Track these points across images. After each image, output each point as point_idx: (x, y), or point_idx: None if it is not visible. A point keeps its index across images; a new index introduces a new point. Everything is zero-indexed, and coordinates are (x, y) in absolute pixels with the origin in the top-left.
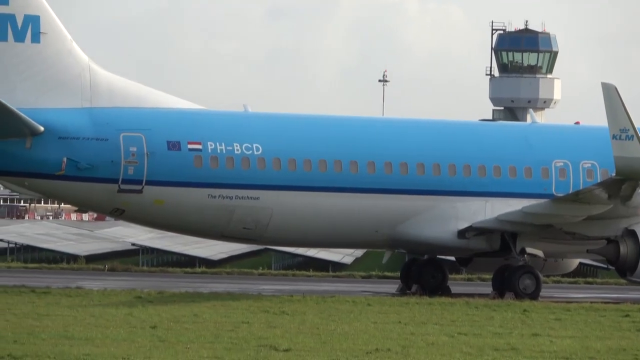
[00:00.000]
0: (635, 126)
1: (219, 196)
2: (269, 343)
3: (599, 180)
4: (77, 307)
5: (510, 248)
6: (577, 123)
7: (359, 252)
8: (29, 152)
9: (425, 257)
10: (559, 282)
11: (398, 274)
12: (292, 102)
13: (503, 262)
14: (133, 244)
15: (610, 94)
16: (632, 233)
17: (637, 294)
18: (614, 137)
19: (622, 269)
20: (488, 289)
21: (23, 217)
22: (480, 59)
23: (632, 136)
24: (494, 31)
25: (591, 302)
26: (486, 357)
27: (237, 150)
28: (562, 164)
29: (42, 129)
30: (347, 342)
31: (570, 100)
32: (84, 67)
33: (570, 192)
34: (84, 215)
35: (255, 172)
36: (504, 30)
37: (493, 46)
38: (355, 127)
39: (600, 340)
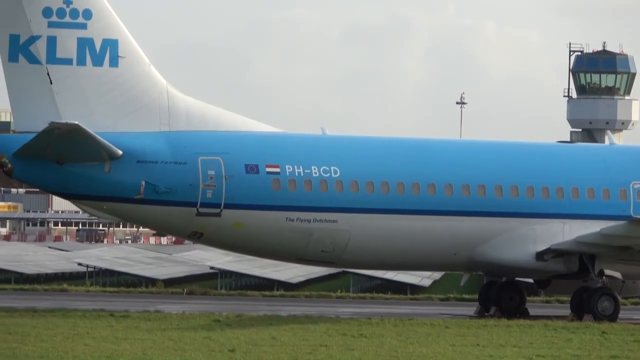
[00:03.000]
0: None
1: (296, 219)
2: None
3: None
4: (156, 330)
5: (588, 270)
6: None
7: (437, 275)
8: (108, 176)
9: (504, 279)
10: (637, 303)
11: (476, 296)
12: (370, 125)
13: (581, 284)
14: (211, 268)
15: None
16: None
17: None
18: None
19: None
20: (566, 311)
21: (102, 241)
22: (558, 81)
23: None
24: (571, 53)
25: None
26: None
27: (315, 173)
28: None
29: (120, 152)
30: None
31: None
32: (162, 90)
33: None
34: (162, 238)
35: (333, 195)
36: (582, 51)
37: (571, 68)
38: (433, 150)
39: None
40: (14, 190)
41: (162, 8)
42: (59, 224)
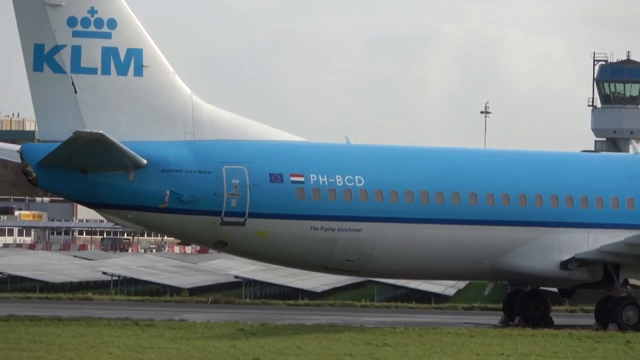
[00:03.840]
0: None
1: (321, 228)
2: None
3: None
4: (181, 339)
5: (612, 279)
6: None
7: (462, 284)
8: (133, 185)
9: (528, 288)
10: None
11: (500, 305)
12: (394, 134)
13: (606, 293)
14: (236, 277)
15: None
16: None
17: None
18: None
19: None
20: (591, 320)
21: (126, 250)
22: (582, 90)
23: None
24: (595, 62)
25: None
26: None
27: (339, 182)
28: None
29: (145, 162)
30: None
31: None
32: (186, 100)
33: None
34: (187, 247)
35: (357, 204)
36: (606, 61)
37: (595, 77)
38: (457, 159)
39: None
40: (38, 199)
41: (186, 18)
42: (84, 233)
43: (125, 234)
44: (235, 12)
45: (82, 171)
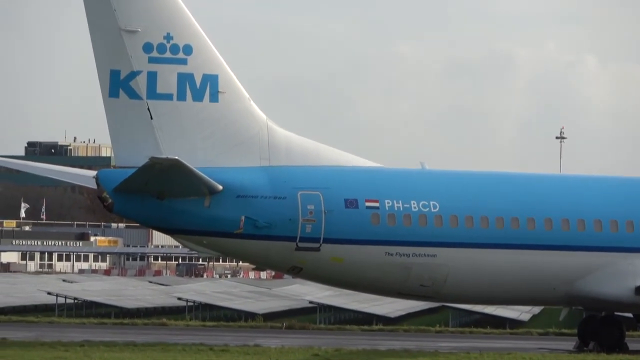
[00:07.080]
0: None
1: (396, 254)
2: None
3: None
4: None
5: None
6: None
7: (536, 309)
8: (208, 211)
9: (603, 313)
10: None
11: (575, 330)
12: (469, 159)
13: None
14: (310, 302)
15: None
16: None
17: None
18: None
19: None
20: None
21: (202, 276)
22: None
23: None
24: None
25: None
26: None
27: (414, 207)
28: None
29: (220, 187)
30: None
31: None
32: (262, 125)
33: None
34: (262, 273)
35: (432, 230)
36: None
37: None
38: (533, 184)
39: None
40: (114, 225)
41: (261, 43)
42: (159, 259)
43: (201, 260)
44: (310, 37)
45: (158, 197)
